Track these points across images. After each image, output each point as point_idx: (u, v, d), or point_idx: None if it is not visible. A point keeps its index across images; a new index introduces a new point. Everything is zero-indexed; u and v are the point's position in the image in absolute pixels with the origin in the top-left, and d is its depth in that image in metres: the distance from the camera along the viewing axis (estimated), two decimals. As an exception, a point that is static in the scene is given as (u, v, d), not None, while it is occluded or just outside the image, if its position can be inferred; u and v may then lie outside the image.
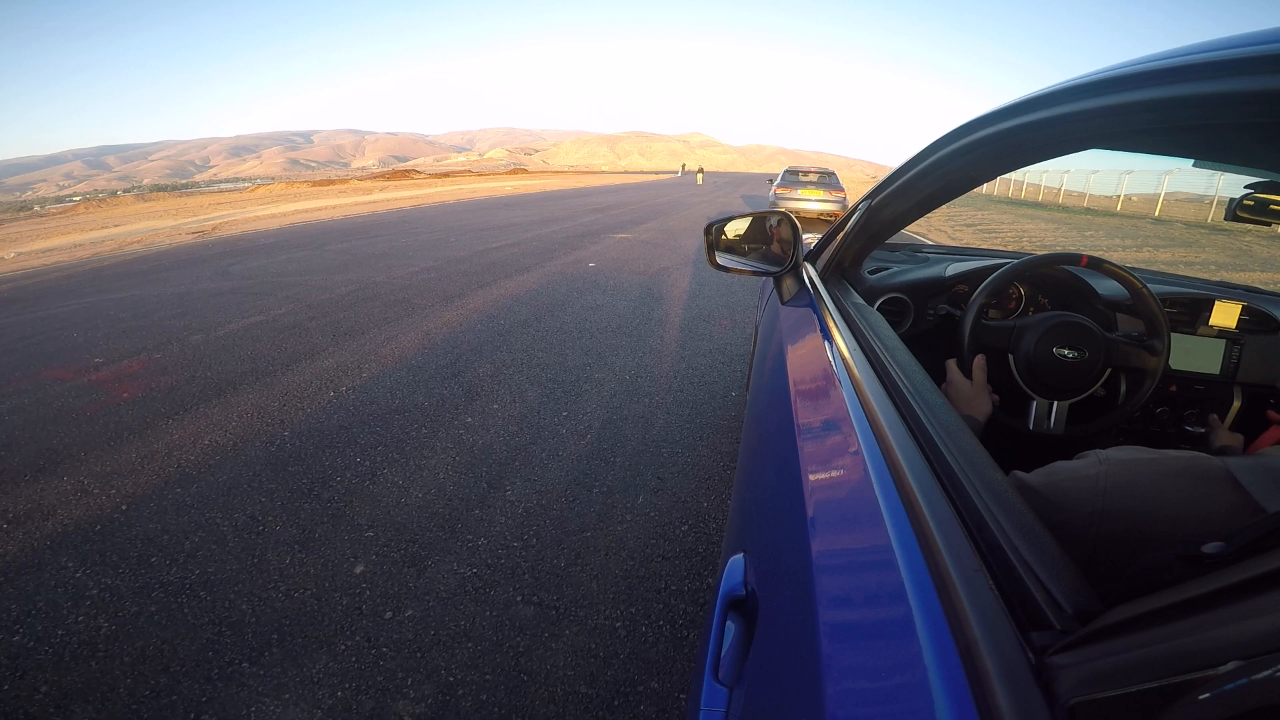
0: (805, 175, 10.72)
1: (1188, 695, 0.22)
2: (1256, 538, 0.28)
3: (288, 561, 1.62)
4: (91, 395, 2.74)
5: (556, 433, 2.36)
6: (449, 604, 1.48)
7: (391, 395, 2.69)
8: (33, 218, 16.44)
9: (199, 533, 1.73)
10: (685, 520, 1.82)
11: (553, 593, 1.52)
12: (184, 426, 2.40)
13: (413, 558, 1.64)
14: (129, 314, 4.16)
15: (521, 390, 2.76)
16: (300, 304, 4.33)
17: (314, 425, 2.40)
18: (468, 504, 1.89)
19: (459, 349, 3.31)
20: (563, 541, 1.72)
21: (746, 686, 0.47)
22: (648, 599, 1.51)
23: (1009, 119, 0.64)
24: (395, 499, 1.91)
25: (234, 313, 4.12)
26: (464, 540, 1.72)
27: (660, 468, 2.12)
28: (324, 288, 4.85)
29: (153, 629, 1.38)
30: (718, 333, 3.68)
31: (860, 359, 0.72)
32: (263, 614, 1.43)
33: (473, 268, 5.72)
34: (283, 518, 1.81)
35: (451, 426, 2.40)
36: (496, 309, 4.18)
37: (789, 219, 1.22)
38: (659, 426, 2.42)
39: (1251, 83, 0.38)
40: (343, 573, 1.58)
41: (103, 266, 6.50)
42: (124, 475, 2.04)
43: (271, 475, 2.04)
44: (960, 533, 0.39)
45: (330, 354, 3.25)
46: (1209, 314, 1.14)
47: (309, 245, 7.36)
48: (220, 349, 3.35)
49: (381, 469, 2.08)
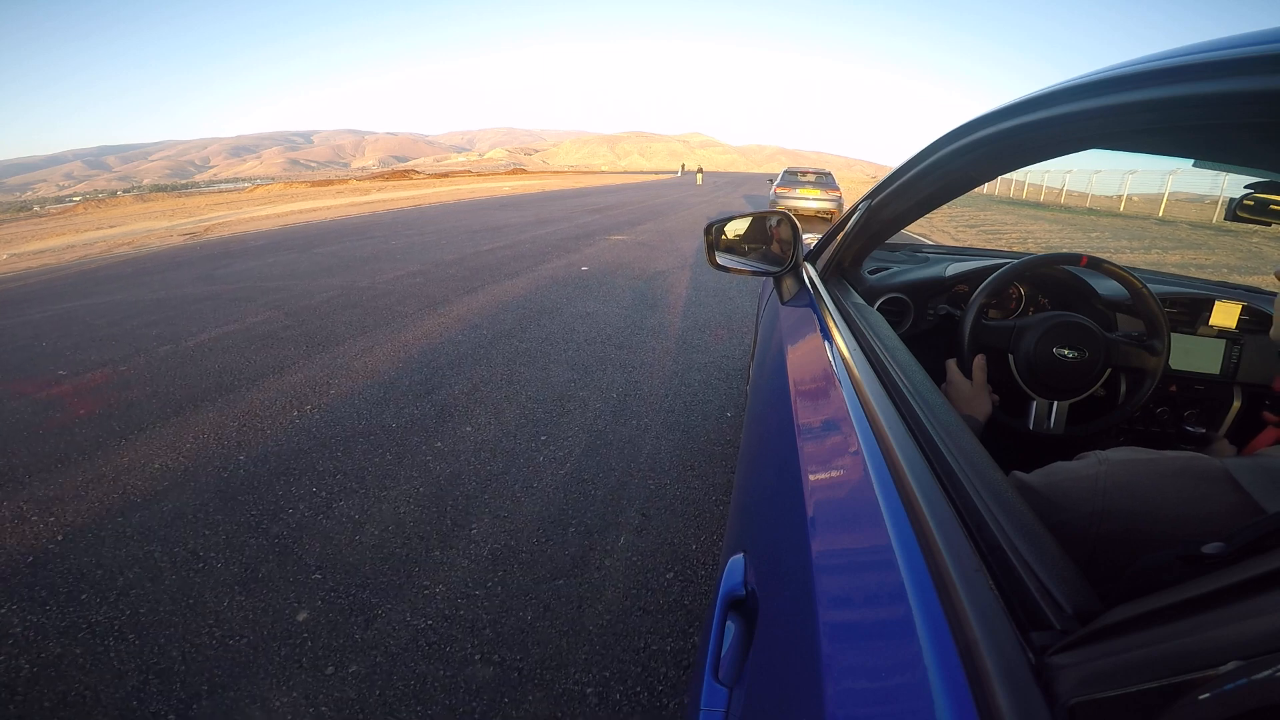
0: (804, 175, 11.15)
1: (1188, 695, 0.22)
2: (1256, 538, 0.28)
3: (226, 604, 1.48)
4: (48, 411, 2.60)
5: (533, 460, 2.18)
6: (398, 660, 1.33)
7: (358, 416, 2.52)
8: (32, 218, 16.40)
9: (135, 568, 1.60)
10: (671, 566, 1.64)
11: (516, 651, 1.36)
12: (136, 448, 2.25)
13: (362, 605, 1.48)
14: (103, 321, 4.04)
15: (499, 410, 2.58)
16: (278, 311, 4.17)
17: (271, 449, 2.23)
18: (427, 544, 1.71)
19: (435, 363, 3.14)
20: (531, 591, 1.54)
21: (746, 686, 0.47)
22: (624, 660, 1.34)
23: (1009, 119, 0.64)
24: (349, 536, 1.74)
25: (209, 321, 3.97)
26: (420, 587, 1.55)
27: (645, 502, 1.93)
28: (306, 293, 4.69)
29: (76, 673, 1.28)
30: (714, 344, 3.49)
31: (860, 359, 0.72)
32: (194, 662, 1.31)
33: (461, 272, 5.56)
34: (225, 554, 1.66)
35: (418, 452, 2.22)
36: (480, 317, 4.00)
37: (789, 219, 1.21)
38: (646, 454, 2.24)
39: (1251, 83, 0.38)
40: (284, 619, 1.44)
41: (89, 269, 6.41)
42: (66, 501, 1.91)
43: (219, 505, 1.88)
44: (960, 533, 0.39)
45: (300, 368, 3.09)
46: (1209, 314, 1.14)
47: (299, 248, 7.22)
48: (188, 361, 3.19)
49: (337, 501, 1.91)
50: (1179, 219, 15.86)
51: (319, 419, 2.49)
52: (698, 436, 2.37)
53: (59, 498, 1.93)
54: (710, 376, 2.99)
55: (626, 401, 2.68)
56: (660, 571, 1.62)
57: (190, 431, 2.38)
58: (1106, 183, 23.20)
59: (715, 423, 2.49)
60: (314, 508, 1.87)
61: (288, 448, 2.24)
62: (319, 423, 2.45)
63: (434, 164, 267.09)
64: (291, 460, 2.15)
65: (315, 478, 2.04)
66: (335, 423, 2.46)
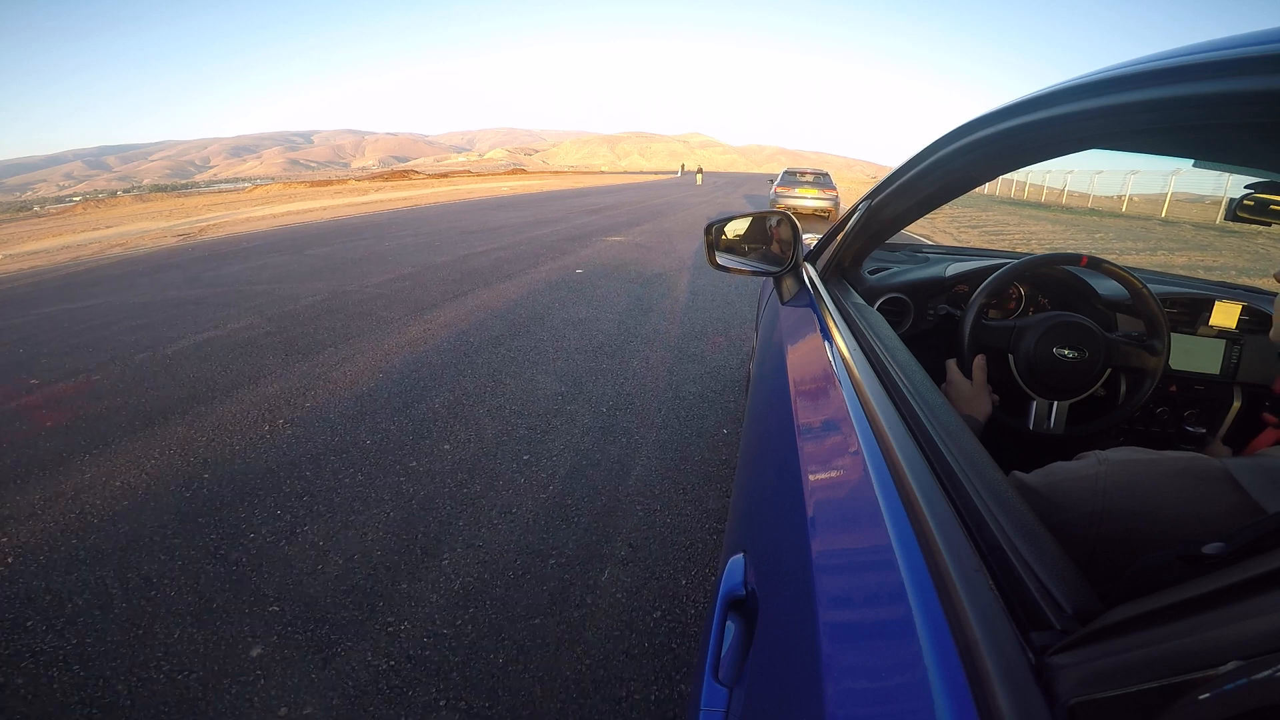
0: (802, 176, 11.75)
1: (1188, 695, 0.22)
2: (1256, 538, 0.28)
3: (177, 636, 1.39)
4: (15, 423, 2.51)
5: (513, 483, 2.05)
6: (356, 704, 1.23)
7: (331, 431, 2.40)
8: (31, 218, 16.35)
9: (85, 594, 1.52)
10: (659, 604, 1.52)
11: (485, 698, 1.24)
12: (99, 464, 2.14)
13: (320, 642, 1.37)
14: (84, 327, 3.95)
15: (480, 427, 2.45)
16: (260, 317, 4.06)
17: (238, 467, 2.12)
18: (395, 575, 1.60)
19: (417, 373, 3.01)
20: (504, 630, 1.43)
21: (746, 686, 0.47)
22: (602, 712, 1.22)
23: (1009, 119, 0.64)
24: (311, 565, 1.63)
25: (189, 327, 3.86)
26: (383, 623, 1.43)
27: (633, 532, 1.80)
28: (291, 298, 4.58)
29: (16, 705, 1.23)
30: (711, 353, 3.37)
31: (860, 359, 0.72)
32: (139, 698, 1.24)
33: (451, 275, 5.45)
34: (180, 581, 1.56)
35: (392, 472, 2.10)
36: (468, 323, 3.88)
37: (789, 219, 1.20)
38: (636, 476, 2.10)
39: (1251, 83, 0.38)
40: (237, 654, 1.34)
41: (79, 271, 6.35)
42: (21, 520, 1.82)
43: (178, 528, 1.77)
44: (960, 533, 0.39)
45: (276, 378, 2.97)
46: (1209, 314, 1.13)
47: (290, 249, 7.13)
48: (163, 370, 3.08)
49: (302, 525, 1.79)
50: (1182, 219, 15.78)
51: (291, 435, 2.37)
52: (692, 456, 2.24)
53: (13, 516, 1.84)
54: (706, 389, 2.86)
55: (617, 417, 2.56)
56: (647, 610, 1.50)
57: (156, 446, 2.27)
58: (1108, 183, 23.11)
59: (710, 440, 2.36)
60: (277, 533, 1.76)
61: (255, 466, 2.13)
62: (290, 439, 2.34)
63: (434, 164, 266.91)
64: (258, 480, 2.04)
65: (281, 500, 1.92)
66: (307, 438, 2.34)
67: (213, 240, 8.42)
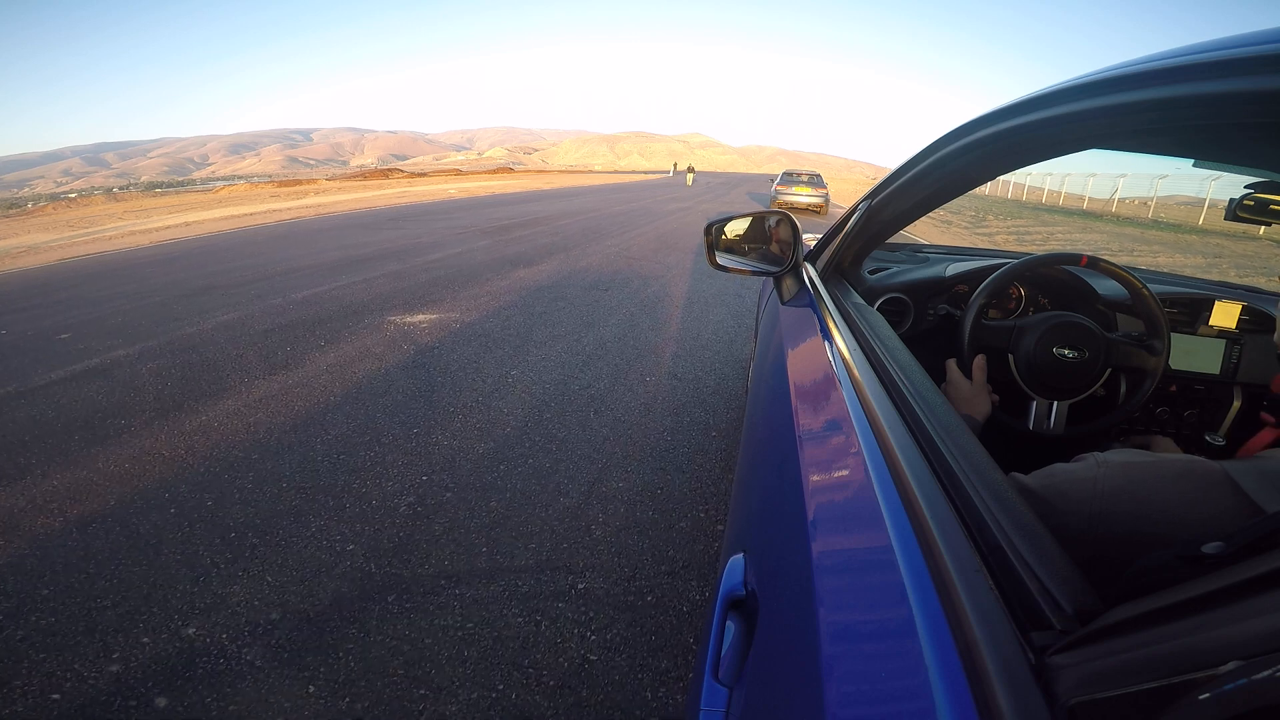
0: (799, 176, 14.39)
1: (1188, 695, 0.22)
2: (1256, 538, 0.28)
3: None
4: None
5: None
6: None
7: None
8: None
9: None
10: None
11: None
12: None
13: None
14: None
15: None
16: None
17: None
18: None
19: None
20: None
21: (746, 686, 0.47)
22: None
23: (1009, 119, 0.64)
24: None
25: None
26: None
27: None
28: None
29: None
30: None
31: (860, 359, 0.72)
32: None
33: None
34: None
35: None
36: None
37: (789, 219, 1.21)
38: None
39: (1251, 83, 0.38)
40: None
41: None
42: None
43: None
44: (960, 533, 0.39)
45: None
46: (1209, 314, 1.14)
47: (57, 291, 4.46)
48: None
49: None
50: (1215, 229, 14.47)
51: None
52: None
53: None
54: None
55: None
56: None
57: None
58: (1100, 186, 23.10)
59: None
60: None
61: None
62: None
63: (432, 163, 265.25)
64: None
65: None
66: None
67: (76, 260, 6.09)
